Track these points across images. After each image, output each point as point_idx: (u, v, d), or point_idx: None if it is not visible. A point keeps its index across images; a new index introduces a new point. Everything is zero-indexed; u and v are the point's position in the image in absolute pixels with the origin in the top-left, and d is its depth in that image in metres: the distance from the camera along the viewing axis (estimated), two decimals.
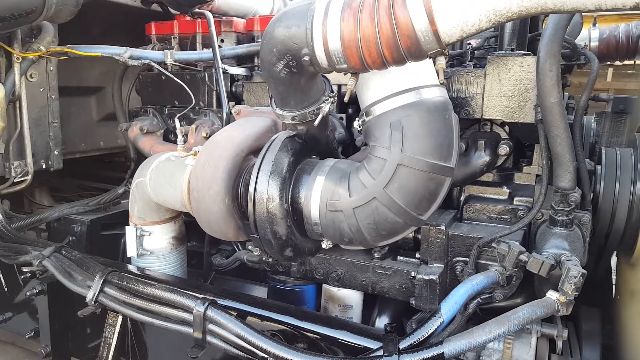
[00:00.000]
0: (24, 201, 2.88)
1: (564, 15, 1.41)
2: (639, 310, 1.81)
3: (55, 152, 2.42)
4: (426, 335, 1.41)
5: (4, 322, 2.47)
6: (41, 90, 2.34)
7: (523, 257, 1.45)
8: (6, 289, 2.42)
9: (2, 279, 2.40)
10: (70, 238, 2.41)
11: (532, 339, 1.54)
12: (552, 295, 1.33)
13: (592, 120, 2.37)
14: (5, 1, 1.81)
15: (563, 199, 1.55)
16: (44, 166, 2.39)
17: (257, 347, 1.48)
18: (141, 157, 2.41)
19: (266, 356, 1.46)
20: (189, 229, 2.26)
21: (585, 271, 1.31)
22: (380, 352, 1.40)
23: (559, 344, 1.56)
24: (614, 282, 2.40)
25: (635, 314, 1.85)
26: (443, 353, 1.31)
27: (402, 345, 1.40)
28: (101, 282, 1.82)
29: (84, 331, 2.29)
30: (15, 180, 2.26)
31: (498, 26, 1.65)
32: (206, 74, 2.26)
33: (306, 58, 1.30)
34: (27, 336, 2.31)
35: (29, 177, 2.28)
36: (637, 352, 1.72)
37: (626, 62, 2.95)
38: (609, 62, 2.93)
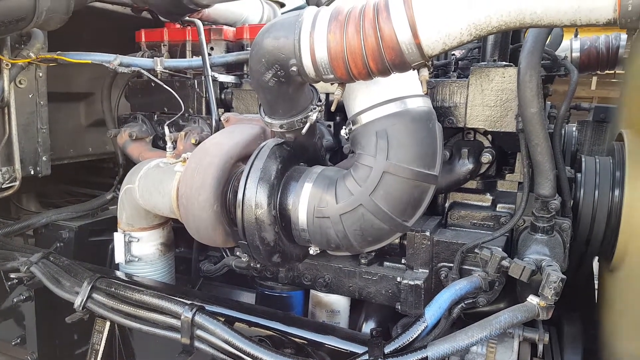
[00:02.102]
0: (10, 207, 2.86)
1: (544, 29, 1.46)
2: (619, 315, 1.85)
3: (44, 158, 2.41)
4: (411, 339, 1.44)
5: None
6: (30, 96, 2.33)
7: (505, 262, 1.48)
8: None
9: None
10: (58, 244, 2.40)
11: (515, 343, 1.57)
12: (532, 299, 1.37)
13: (574, 129, 2.43)
14: None
15: (544, 206, 1.58)
16: (32, 172, 2.38)
17: (244, 353, 1.49)
18: (130, 163, 2.41)
19: None
20: (177, 235, 2.26)
21: (564, 276, 1.35)
22: (366, 357, 1.42)
23: (540, 347, 1.59)
24: (596, 286, 2.45)
25: (615, 319, 1.89)
26: (427, 357, 1.34)
27: (387, 349, 1.43)
28: (89, 288, 1.82)
29: (71, 338, 2.29)
30: (2, 187, 2.24)
31: (480, 39, 1.69)
32: (195, 82, 2.27)
33: (294, 68, 1.33)
34: (13, 343, 2.29)
35: (17, 183, 2.26)
36: (618, 355, 1.76)
37: (607, 71, 3.03)
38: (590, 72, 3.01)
